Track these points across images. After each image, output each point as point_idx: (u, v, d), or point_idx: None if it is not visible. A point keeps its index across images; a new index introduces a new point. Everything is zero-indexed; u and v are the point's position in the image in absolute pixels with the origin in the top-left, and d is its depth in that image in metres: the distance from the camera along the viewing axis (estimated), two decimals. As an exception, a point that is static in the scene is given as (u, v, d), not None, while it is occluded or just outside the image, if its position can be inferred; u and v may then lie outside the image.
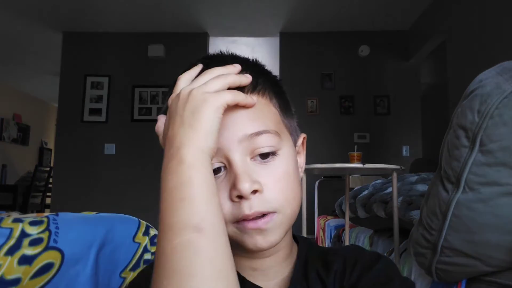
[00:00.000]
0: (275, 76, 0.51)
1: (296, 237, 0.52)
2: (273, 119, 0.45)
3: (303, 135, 0.52)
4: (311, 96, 4.62)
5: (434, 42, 4.03)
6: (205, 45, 4.77)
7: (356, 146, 2.40)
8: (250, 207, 0.41)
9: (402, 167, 2.03)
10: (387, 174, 2.60)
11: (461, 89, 0.95)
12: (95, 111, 4.64)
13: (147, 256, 0.60)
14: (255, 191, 0.41)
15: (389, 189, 2.06)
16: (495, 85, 0.82)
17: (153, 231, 0.63)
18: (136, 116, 4.65)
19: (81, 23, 4.60)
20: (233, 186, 0.41)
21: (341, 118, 4.62)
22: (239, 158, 0.42)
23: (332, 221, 3.27)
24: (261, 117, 0.44)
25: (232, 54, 0.50)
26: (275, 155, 0.44)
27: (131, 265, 0.59)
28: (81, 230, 0.55)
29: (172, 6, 4.19)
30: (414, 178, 2.05)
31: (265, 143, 0.43)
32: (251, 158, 0.43)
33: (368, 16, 4.36)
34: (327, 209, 3.80)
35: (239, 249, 0.45)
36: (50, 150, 8.09)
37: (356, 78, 4.67)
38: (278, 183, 0.43)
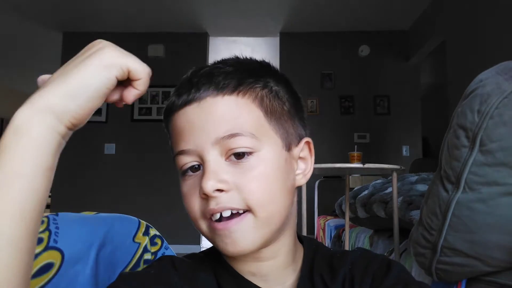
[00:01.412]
0: (280, 79, 0.48)
1: (301, 239, 0.51)
2: (252, 121, 0.43)
3: (305, 139, 0.49)
4: (311, 96, 4.62)
5: (434, 42, 4.03)
6: (205, 45, 4.77)
7: (356, 146, 2.40)
8: (216, 202, 0.41)
9: (402, 167, 2.03)
10: (387, 174, 2.60)
11: (461, 89, 0.95)
12: (95, 111, 4.64)
13: (147, 256, 0.60)
14: (220, 191, 0.41)
15: (389, 189, 2.06)
16: (495, 85, 0.82)
17: (153, 231, 0.63)
18: (136, 116, 4.65)
19: (81, 23, 4.59)
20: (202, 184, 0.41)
21: (341, 118, 4.62)
22: (213, 158, 0.42)
23: (332, 221, 3.27)
24: (237, 117, 0.43)
25: (235, 56, 0.49)
26: (250, 155, 0.42)
27: (131, 265, 0.59)
28: (81, 230, 0.55)
29: (172, 6, 4.19)
30: (414, 178, 2.05)
31: (238, 144, 0.42)
32: (226, 158, 0.42)
33: (368, 16, 4.36)
34: (327, 209, 3.80)
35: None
36: (50, 150, 8.09)
37: (356, 78, 4.67)
38: (251, 182, 0.42)
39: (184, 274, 0.44)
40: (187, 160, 0.43)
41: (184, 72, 0.48)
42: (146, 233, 0.62)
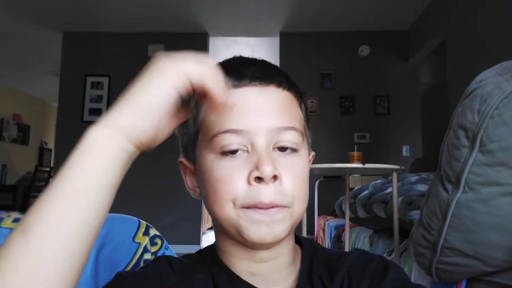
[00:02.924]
0: None
1: (299, 240, 0.51)
2: (300, 120, 0.46)
3: (313, 153, 0.51)
4: (311, 96, 4.62)
5: (434, 42, 4.03)
6: (205, 45, 4.77)
7: (356, 146, 2.40)
8: (266, 196, 0.41)
9: (402, 167, 2.03)
10: (387, 174, 2.60)
11: (461, 89, 0.95)
12: (95, 111, 4.64)
13: (147, 256, 0.60)
14: (275, 177, 0.41)
15: (389, 189, 2.06)
16: (495, 85, 0.82)
17: (153, 231, 0.63)
18: (136, 116, 4.65)
19: (81, 23, 4.59)
20: (255, 167, 0.40)
21: (341, 118, 4.62)
22: (264, 144, 0.42)
23: (332, 221, 3.27)
24: (291, 114, 0.44)
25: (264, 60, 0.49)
26: (295, 152, 0.44)
27: (131, 265, 0.59)
28: (81, 230, 0.55)
29: (172, 6, 4.19)
30: (414, 178, 2.05)
31: (290, 139, 0.43)
32: (273, 148, 0.43)
33: (368, 16, 4.36)
34: (327, 209, 3.80)
35: (236, 247, 0.45)
36: (50, 150, 8.09)
37: (356, 78, 4.67)
38: (295, 178, 0.43)
39: (181, 275, 0.44)
40: (234, 141, 0.42)
41: None
42: (146, 233, 0.62)
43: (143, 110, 0.34)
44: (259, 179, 0.40)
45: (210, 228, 6.53)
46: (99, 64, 4.73)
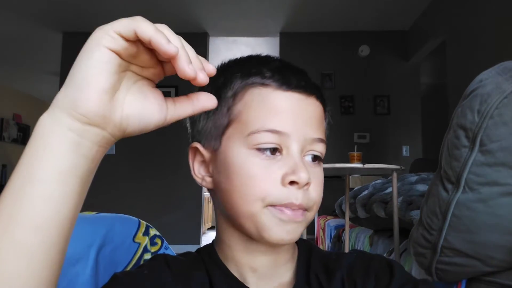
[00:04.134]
0: None
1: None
2: (325, 133, 0.49)
3: None
4: (311, 96, 4.62)
5: (434, 42, 4.03)
6: (205, 45, 4.77)
7: (356, 146, 2.40)
8: (297, 198, 0.42)
9: (402, 167, 2.03)
10: (387, 174, 2.60)
11: (461, 89, 0.95)
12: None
13: (147, 256, 0.60)
14: (307, 184, 0.43)
15: (389, 189, 2.06)
16: (495, 85, 0.82)
17: (153, 231, 0.63)
18: (136, 116, 4.65)
19: (81, 23, 4.59)
20: (292, 171, 0.42)
21: (341, 118, 4.62)
22: (299, 151, 0.44)
23: (332, 221, 3.27)
24: (322, 127, 0.48)
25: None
26: (319, 162, 0.46)
27: (131, 265, 0.59)
28: (81, 230, 0.55)
29: (172, 6, 4.19)
30: (414, 178, 2.05)
31: (320, 150, 0.46)
32: (303, 155, 0.45)
33: (368, 16, 4.36)
34: (327, 209, 3.80)
35: (242, 241, 0.46)
36: (50, 150, 8.09)
37: (356, 78, 4.67)
38: (318, 186, 0.45)
39: (178, 273, 0.44)
40: (274, 140, 0.43)
41: (246, 63, 0.48)
42: (146, 233, 0.62)
43: (78, 81, 0.30)
44: (293, 182, 0.42)
45: (210, 228, 6.53)
46: (99, 64, 4.73)
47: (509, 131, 0.80)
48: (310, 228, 3.85)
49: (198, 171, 0.48)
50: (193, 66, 0.32)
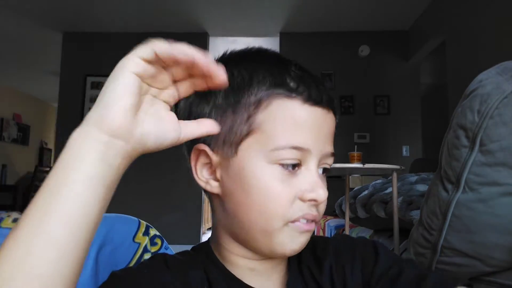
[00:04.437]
0: None
1: None
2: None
3: None
4: (311, 96, 4.62)
5: (434, 42, 4.03)
6: (205, 45, 4.77)
7: (356, 146, 2.40)
8: (312, 210, 0.44)
9: (402, 167, 2.03)
10: (387, 174, 2.60)
11: (461, 89, 0.95)
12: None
13: (147, 256, 0.60)
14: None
15: (389, 189, 2.06)
16: (495, 85, 0.82)
17: (153, 231, 0.63)
18: (136, 116, 4.65)
19: (81, 23, 4.59)
20: (312, 189, 0.43)
21: (341, 118, 4.55)
22: (317, 165, 0.45)
23: (332, 221, 3.27)
24: (333, 140, 0.48)
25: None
26: (326, 172, 0.48)
27: (131, 265, 0.59)
28: (81, 230, 0.55)
29: (172, 6, 4.19)
30: (414, 178, 2.05)
31: (330, 163, 0.47)
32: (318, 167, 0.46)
33: (368, 16, 4.35)
34: (327, 209, 3.78)
35: (241, 248, 0.46)
36: (50, 150, 8.09)
37: (356, 78, 4.67)
38: (325, 198, 0.45)
39: (176, 272, 0.44)
40: (297, 156, 0.43)
41: (265, 62, 0.47)
42: (146, 233, 0.62)
43: (106, 100, 0.35)
44: (312, 200, 0.43)
45: (210, 228, 6.52)
46: (99, 64, 4.73)
47: (509, 131, 0.80)
48: (310, 228, 3.85)
49: (201, 173, 0.47)
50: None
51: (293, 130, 0.42)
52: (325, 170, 0.47)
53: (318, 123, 0.44)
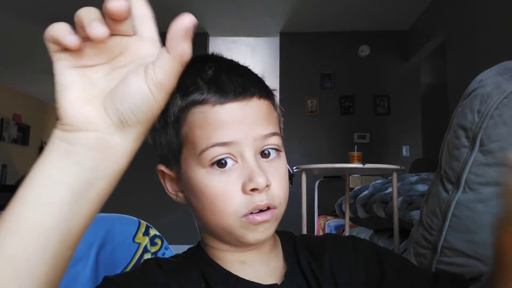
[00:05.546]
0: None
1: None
2: (278, 123, 0.49)
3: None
4: (311, 96, 4.62)
5: (434, 42, 4.03)
6: (205, 45, 4.77)
7: (356, 146, 2.40)
8: (261, 200, 0.44)
9: (402, 167, 2.03)
10: (387, 174, 2.60)
11: (461, 89, 0.95)
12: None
13: (147, 256, 0.60)
14: (267, 186, 0.44)
15: (389, 189, 2.06)
16: (495, 85, 0.82)
17: (153, 231, 0.63)
18: (136, 116, 4.65)
19: (81, 23, 4.59)
20: (249, 179, 0.43)
21: (341, 118, 4.62)
22: (252, 154, 0.44)
23: (332, 221, 3.27)
24: (272, 120, 0.47)
25: (232, 59, 0.50)
26: (279, 155, 0.47)
27: (131, 265, 0.59)
28: (81, 230, 0.55)
29: (172, 6, 4.19)
30: (414, 178, 2.05)
31: (274, 143, 0.46)
32: (259, 154, 0.46)
33: (368, 16, 4.35)
34: (327, 209, 3.80)
35: (225, 244, 0.48)
36: (50, 150, 8.08)
37: (356, 78, 4.67)
38: (280, 181, 0.46)
39: (171, 273, 0.45)
40: (224, 151, 0.43)
41: (183, 73, 0.47)
42: (146, 233, 0.62)
43: (56, 91, 0.30)
44: (253, 189, 0.43)
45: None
46: (99, 64, 4.73)
47: (509, 131, 0.80)
48: (310, 228, 3.85)
49: (171, 187, 0.52)
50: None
51: (211, 131, 0.44)
52: (269, 155, 0.46)
53: (237, 116, 0.44)
